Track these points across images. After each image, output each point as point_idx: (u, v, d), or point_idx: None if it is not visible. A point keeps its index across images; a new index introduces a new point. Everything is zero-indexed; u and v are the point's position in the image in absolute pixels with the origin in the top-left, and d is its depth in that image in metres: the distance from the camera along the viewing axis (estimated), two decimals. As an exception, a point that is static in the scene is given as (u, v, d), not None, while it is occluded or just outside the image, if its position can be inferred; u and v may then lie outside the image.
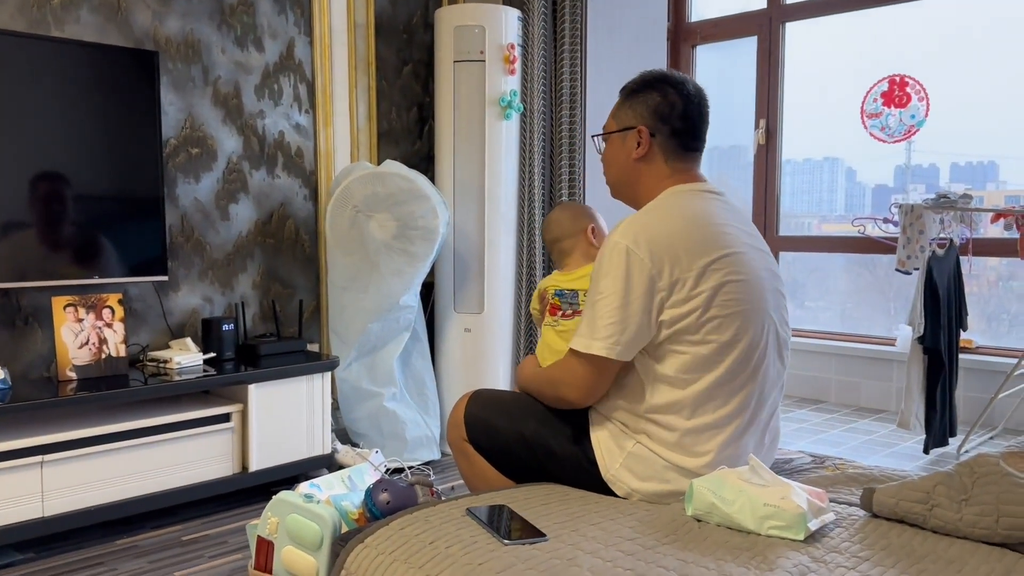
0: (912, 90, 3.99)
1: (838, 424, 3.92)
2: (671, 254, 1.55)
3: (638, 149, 1.71)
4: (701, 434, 1.58)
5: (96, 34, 2.80)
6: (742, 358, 1.58)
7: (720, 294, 1.56)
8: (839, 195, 4.75)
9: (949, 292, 3.29)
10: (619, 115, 1.76)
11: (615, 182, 1.79)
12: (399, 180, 3.05)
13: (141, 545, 2.48)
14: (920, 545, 1.38)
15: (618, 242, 1.57)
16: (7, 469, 2.30)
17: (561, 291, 1.96)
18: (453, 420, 1.88)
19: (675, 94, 1.69)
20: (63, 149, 2.63)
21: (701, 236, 1.58)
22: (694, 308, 1.55)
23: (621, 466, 1.63)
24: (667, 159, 1.70)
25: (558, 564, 1.28)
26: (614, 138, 1.76)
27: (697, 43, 4.55)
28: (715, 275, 1.56)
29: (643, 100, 1.71)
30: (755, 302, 1.60)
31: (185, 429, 2.64)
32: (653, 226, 1.58)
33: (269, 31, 3.23)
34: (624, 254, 1.56)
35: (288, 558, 1.51)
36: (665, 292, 1.55)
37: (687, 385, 1.57)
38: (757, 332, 1.60)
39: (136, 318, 2.94)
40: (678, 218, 1.60)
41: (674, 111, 1.69)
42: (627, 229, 1.58)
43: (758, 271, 1.63)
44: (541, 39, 3.47)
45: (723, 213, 1.65)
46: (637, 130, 1.71)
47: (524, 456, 1.76)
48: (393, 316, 3.16)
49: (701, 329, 1.55)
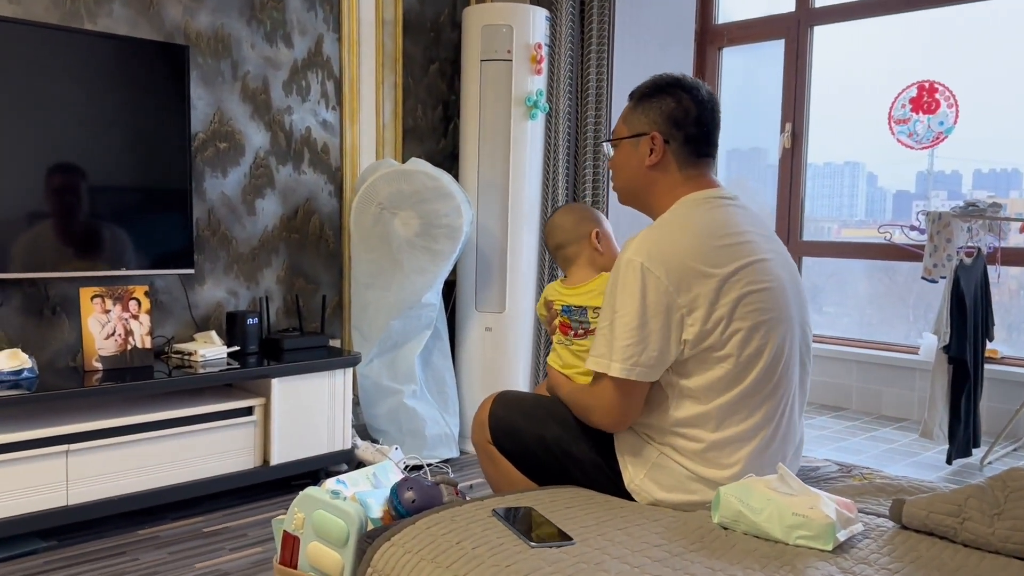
0: (941, 96, 3.95)
1: (859, 432, 3.90)
2: (688, 270, 1.51)
3: (651, 156, 1.66)
4: (727, 446, 1.56)
5: (128, 27, 2.82)
6: (768, 368, 1.56)
7: (742, 305, 1.53)
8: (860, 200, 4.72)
9: (976, 301, 3.26)
10: (631, 120, 1.70)
11: (625, 189, 1.74)
12: (424, 178, 3.05)
13: (162, 536, 2.50)
14: (951, 559, 1.37)
15: (632, 259, 1.53)
16: (33, 458, 2.32)
17: (569, 308, 1.89)
18: (478, 421, 1.87)
19: (689, 99, 1.65)
20: (93, 141, 2.65)
21: (718, 248, 1.54)
22: (716, 323, 1.52)
23: (646, 476, 1.61)
24: (680, 166, 1.66)
25: (585, 568, 1.28)
26: (625, 144, 1.71)
27: (724, 45, 4.52)
28: (736, 287, 1.53)
29: (656, 105, 1.66)
30: (779, 309, 1.58)
31: (208, 422, 2.66)
32: (668, 241, 1.54)
33: (298, 27, 3.24)
34: (639, 272, 1.52)
35: (314, 554, 1.52)
36: (685, 309, 1.52)
37: (713, 399, 1.55)
38: (781, 340, 1.58)
39: (162, 310, 2.96)
40: (693, 231, 1.56)
41: (688, 117, 1.64)
42: (641, 245, 1.54)
43: (780, 277, 1.60)
44: (568, 39, 3.46)
45: (740, 220, 1.62)
46: (651, 136, 1.66)
47: (546, 460, 1.76)
48: (415, 314, 3.17)
49: (726, 344, 1.53)
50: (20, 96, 2.50)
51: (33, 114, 2.52)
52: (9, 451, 2.28)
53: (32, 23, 2.51)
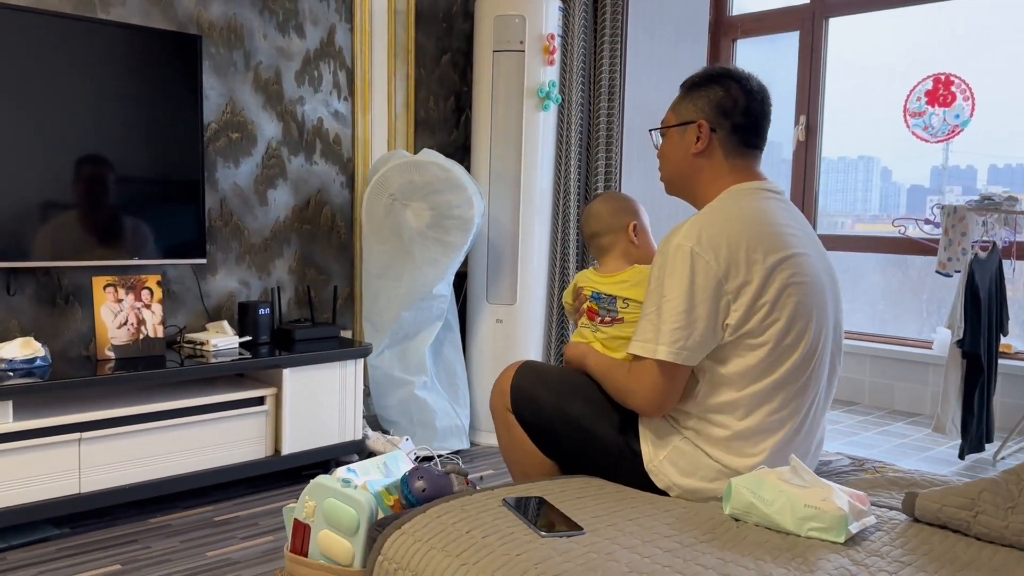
0: (957, 89, 3.91)
1: (871, 426, 3.88)
2: (737, 256, 1.52)
3: (697, 144, 1.66)
4: (753, 436, 1.56)
5: (141, 17, 2.82)
6: (801, 362, 1.56)
7: (785, 295, 1.53)
8: (874, 195, 4.69)
9: (990, 296, 3.24)
10: (679, 109, 1.71)
11: (671, 178, 1.75)
12: (436, 169, 3.05)
13: (174, 524, 2.51)
14: (964, 552, 1.36)
15: (682, 244, 1.54)
16: (46, 445, 2.34)
17: (598, 295, 1.88)
18: (498, 388, 1.86)
19: (738, 89, 1.65)
20: (106, 131, 2.65)
21: (765, 237, 1.55)
22: (759, 309, 1.52)
23: (665, 459, 1.62)
24: (727, 156, 1.66)
25: (595, 558, 1.28)
26: (672, 132, 1.71)
27: (738, 37, 4.49)
28: (780, 277, 1.53)
29: (705, 94, 1.67)
30: (817, 305, 1.58)
31: (220, 411, 2.66)
32: (717, 227, 1.54)
33: (310, 17, 3.24)
34: (689, 256, 1.52)
35: (324, 542, 1.52)
36: (732, 295, 1.52)
37: (744, 386, 1.55)
38: (817, 336, 1.58)
39: (174, 300, 2.97)
40: (741, 219, 1.56)
41: (736, 106, 1.64)
42: (690, 230, 1.55)
43: (819, 273, 1.61)
44: (581, 29, 3.44)
45: (783, 214, 1.62)
46: (697, 124, 1.66)
47: (565, 435, 1.75)
48: (426, 305, 3.17)
49: (765, 331, 1.53)
50: (32, 86, 2.50)
51: (45, 104, 2.53)
52: (22, 439, 2.29)
53: (46, 12, 2.52)
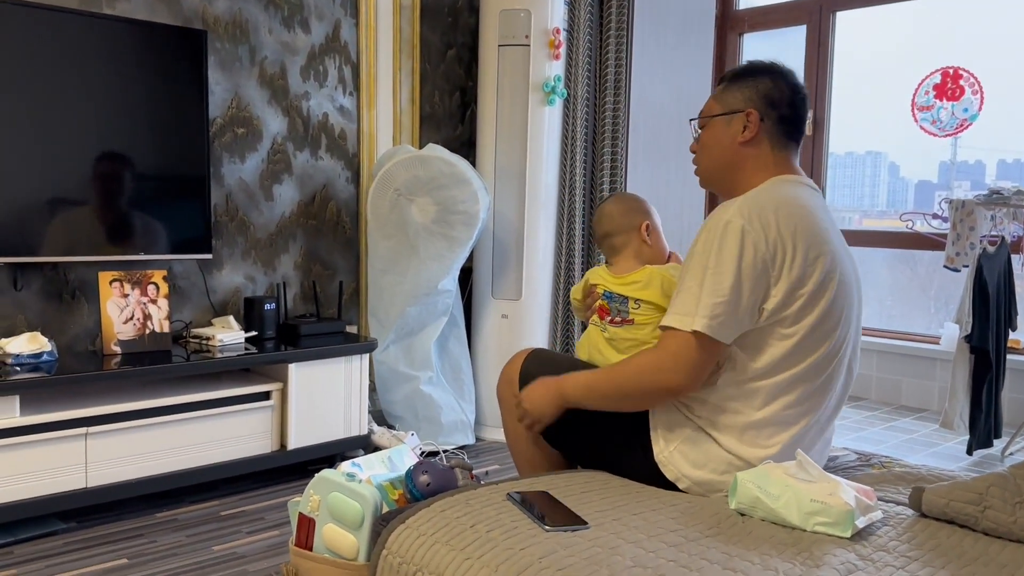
0: (966, 83, 3.89)
1: (879, 422, 3.86)
2: (785, 241, 1.51)
3: (744, 133, 1.66)
4: (767, 427, 1.56)
5: (146, 12, 2.82)
6: (825, 358, 1.56)
7: (821, 289, 1.53)
8: (881, 190, 4.67)
9: (999, 291, 3.22)
10: (723, 98, 1.69)
11: (712, 168, 1.72)
12: (441, 164, 3.04)
13: (180, 518, 2.51)
14: (971, 547, 1.35)
15: (732, 221, 1.52)
16: (53, 440, 2.34)
17: (610, 294, 1.88)
18: (506, 376, 1.87)
19: (783, 82, 1.67)
20: (111, 127, 2.66)
21: (810, 229, 1.54)
22: (797, 300, 1.52)
23: (675, 449, 1.61)
24: (772, 147, 1.66)
25: (600, 552, 1.27)
26: (717, 122, 1.70)
27: (744, 31, 4.47)
28: (820, 270, 1.53)
29: (753, 84, 1.67)
30: (847, 306, 1.59)
31: (226, 406, 2.67)
32: (769, 209, 1.54)
33: (316, 12, 3.24)
34: (740, 233, 1.51)
35: (329, 536, 1.52)
36: (774, 278, 1.52)
37: (766, 376, 1.55)
38: (843, 335, 1.59)
39: (180, 295, 2.98)
40: (789, 206, 1.55)
41: (783, 98, 1.65)
42: (741, 208, 1.53)
43: (849, 274, 1.62)
44: (587, 24, 3.43)
45: (822, 210, 1.63)
46: (745, 113, 1.65)
47: (573, 423, 1.74)
48: (431, 300, 3.17)
49: (798, 322, 1.53)
50: (37, 81, 2.51)
51: (50, 99, 2.54)
52: (29, 433, 2.30)
53: (52, 7, 2.52)
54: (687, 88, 3.82)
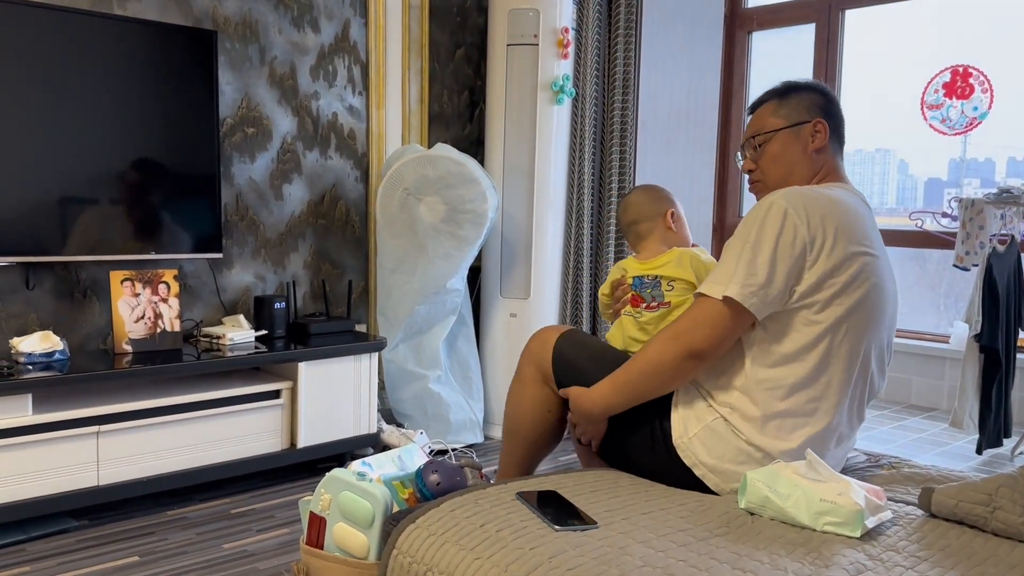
0: (976, 81, 3.87)
1: (888, 421, 3.86)
2: (826, 229, 1.55)
3: (814, 142, 1.70)
4: (790, 418, 1.57)
5: (157, 13, 2.84)
6: (850, 354, 1.58)
7: (855, 285, 1.56)
8: (891, 188, 4.65)
9: (1008, 289, 3.21)
10: (783, 113, 1.73)
11: (783, 178, 1.72)
12: (450, 164, 3.05)
13: (190, 517, 2.53)
14: (981, 547, 1.35)
15: (776, 202, 1.57)
16: (65, 438, 2.36)
17: (641, 278, 1.88)
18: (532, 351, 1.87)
19: (827, 95, 1.74)
20: (122, 126, 2.67)
21: (853, 225, 1.58)
22: (828, 288, 1.55)
23: (695, 437, 1.62)
24: (833, 153, 1.74)
25: (609, 552, 1.28)
26: (784, 135, 1.72)
27: (753, 29, 4.47)
28: (856, 266, 1.56)
29: (807, 97, 1.73)
30: (880, 311, 1.61)
31: (236, 405, 2.68)
32: (813, 199, 1.58)
33: (325, 12, 3.25)
34: (782, 214, 1.55)
35: (340, 535, 1.53)
36: (811, 260, 1.55)
37: (791, 363, 1.56)
38: (874, 337, 1.61)
39: (190, 294, 2.99)
40: (835, 201, 1.59)
41: (834, 107, 1.73)
42: (787, 194, 1.58)
43: (887, 284, 1.64)
44: (596, 23, 3.43)
45: (870, 219, 1.66)
46: (814, 123, 1.70)
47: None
48: (440, 299, 3.17)
49: (825, 310, 1.55)
50: (49, 81, 2.52)
51: (62, 99, 2.55)
52: (41, 431, 2.32)
53: (63, 8, 2.54)
54: (696, 86, 3.81)
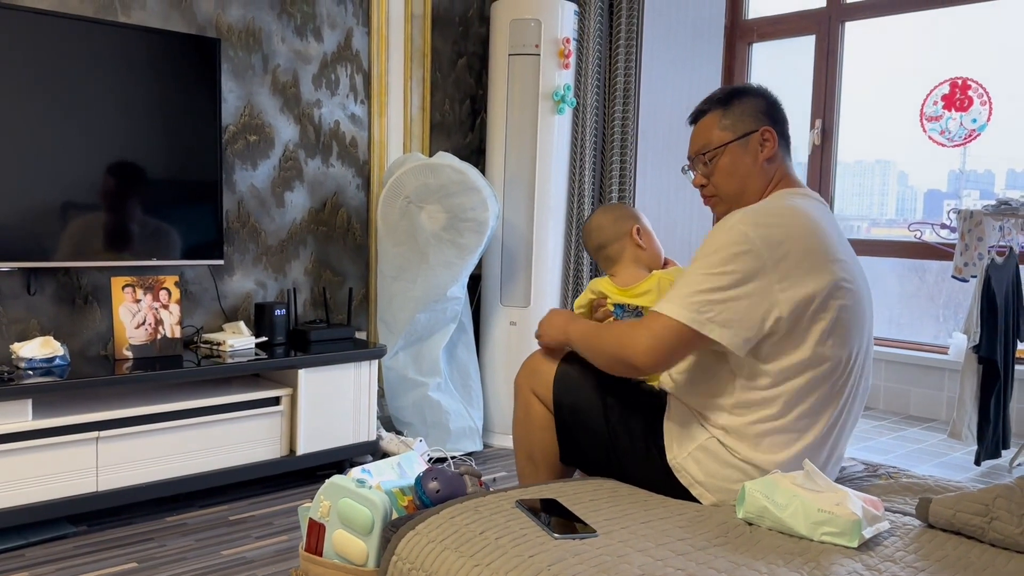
0: (974, 93, 3.89)
1: (887, 431, 3.86)
2: (788, 249, 1.52)
3: (764, 151, 1.67)
4: (783, 434, 1.57)
5: (161, 20, 2.85)
6: (838, 366, 1.57)
7: (831, 299, 1.54)
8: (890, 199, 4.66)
9: (1007, 301, 3.22)
10: (728, 124, 1.69)
11: (737, 193, 1.70)
12: (451, 172, 3.06)
13: (189, 523, 2.53)
14: (978, 558, 1.35)
15: (736, 225, 1.54)
16: (64, 444, 2.36)
17: (623, 307, 1.88)
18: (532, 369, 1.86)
19: (768, 98, 1.71)
20: (125, 133, 2.68)
21: (819, 239, 1.55)
22: (806, 308, 1.52)
23: (689, 456, 1.62)
24: (783, 160, 1.71)
25: (608, 560, 1.28)
26: (732, 148, 1.68)
27: (754, 40, 4.49)
28: (827, 280, 1.53)
29: (749, 104, 1.69)
30: (859, 315, 1.60)
31: (236, 411, 2.69)
32: (775, 217, 1.55)
33: (328, 21, 3.26)
34: (742, 238, 1.52)
35: (339, 541, 1.53)
36: (778, 286, 1.51)
37: (781, 383, 1.55)
38: (857, 344, 1.60)
39: (191, 300, 3.00)
40: (799, 216, 1.57)
41: (778, 113, 1.71)
42: (746, 215, 1.55)
43: (860, 285, 1.63)
44: (597, 34, 3.45)
45: (831, 222, 1.64)
46: (760, 132, 1.67)
47: (594, 425, 1.75)
48: (440, 307, 3.18)
49: (808, 331, 1.53)
50: (53, 88, 2.54)
51: (66, 106, 2.56)
52: (41, 437, 2.32)
53: (67, 16, 2.55)
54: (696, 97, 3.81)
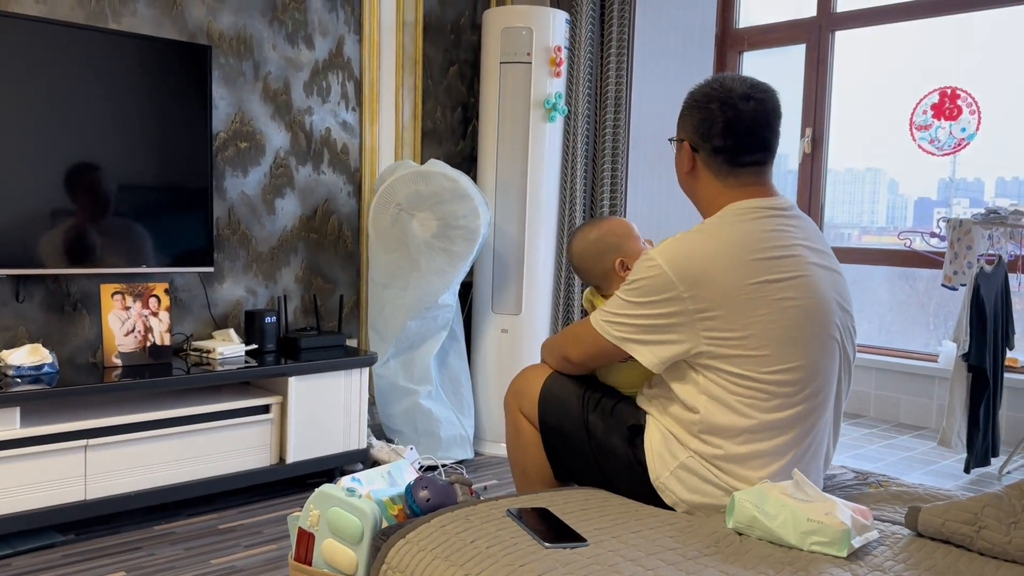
0: (963, 103, 3.92)
1: (877, 439, 3.87)
2: (704, 278, 1.51)
3: (685, 164, 1.69)
4: (755, 460, 1.54)
5: (152, 27, 2.85)
6: (801, 385, 1.53)
7: (768, 321, 1.50)
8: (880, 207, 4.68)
9: (996, 309, 3.23)
10: (679, 122, 1.71)
11: (687, 191, 1.75)
12: (442, 179, 3.06)
13: (178, 532, 2.51)
14: (967, 567, 1.36)
15: (653, 258, 1.57)
16: (52, 452, 2.35)
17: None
18: (516, 388, 1.88)
19: (719, 110, 1.62)
20: (116, 140, 2.68)
21: (750, 262, 1.52)
22: (740, 334, 1.50)
23: (671, 475, 1.61)
24: (717, 176, 1.65)
25: (599, 570, 1.28)
26: (678, 146, 1.72)
27: (744, 49, 4.51)
28: (761, 301, 1.50)
29: (691, 115, 1.67)
30: (815, 327, 1.54)
31: (225, 419, 2.67)
32: (692, 248, 1.55)
33: (320, 28, 3.27)
34: (655, 272, 1.55)
35: (328, 551, 1.53)
36: (699, 315, 1.52)
37: (741, 412, 1.53)
38: (817, 357, 1.54)
39: (181, 308, 2.99)
40: (725, 240, 1.54)
41: (713, 129, 1.62)
42: (666, 247, 1.57)
43: (822, 293, 1.57)
44: (588, 42, 3.46)
45: (785, 234, 1.58)
46: (685, 144, 1.69)
47: (580, 444, 1.75)
48: (432, 314, 3.18)
49: (749, 356, 1.51)
50: (44, 94, 2.53)
51: (57, 112, 2.56)
52: (29, 445, 2.31)
53: (57, 22, 2.55)
54: (687, 106, 3.83)
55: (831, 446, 1.69)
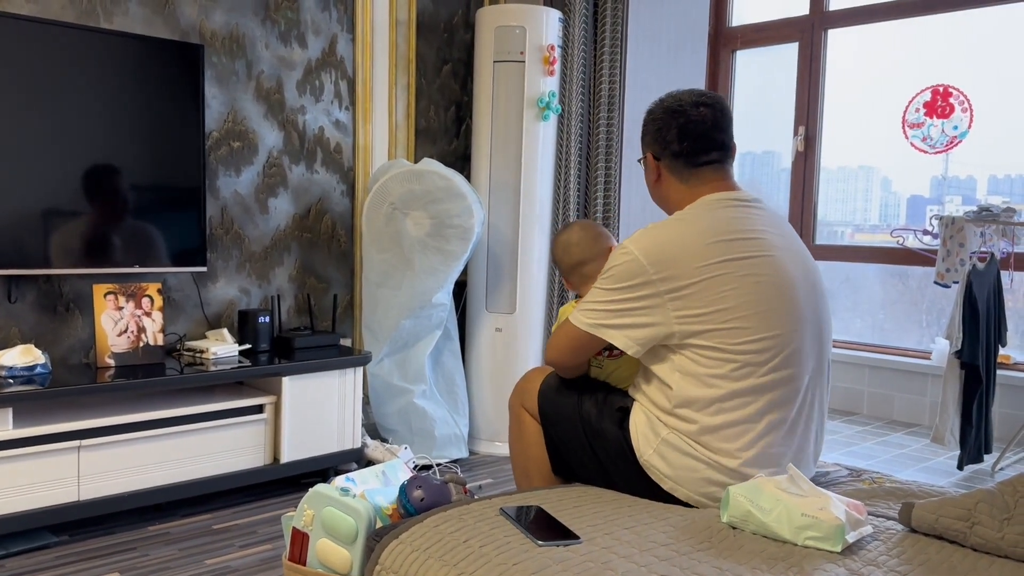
0: (955, 100, 3.93)
1: (870, 437, 3.88)
2: (672, 260, 1.61)
3: (651, 176, 1.83)
4: (728, 429, 1.60)
5: (143, 26, 2.84)
6: (771, 354, 1.60)
7: (737, 296, 1.59)
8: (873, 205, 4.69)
9: (989, 307, 3.24)
10: (641, 141, 1.86)
11: (654, 201, 1.90)
12: (436, 178, 3.06)
13: (172, 532, 2.51)
14: (960, 562, 1.36)
15: (625, 245, 1.68)
16: (46, 453, 2.34)
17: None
18: (520, 388, 1.98)
19: (672, 118, 1.77)
20: (108, 139, 2.67)
21: (716, 243, 1.63)
22: (709, 310, 1.59)
23: (654, 452, 1.65)
24: (680, 179, 1.78)
25: (592, 567, 1.28)
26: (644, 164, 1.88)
27: (737, 48, 4.52)
28: (728, 278, 1.60)
29: (649, 129, 1.82)
30: (784, 301, 1.62)
31: (219, 419, 2.67)
32: (662, 234, 1.66)
33: (312, 27, 3.26)
34: (627, 257, 1.65)
35: (323, 550, 1.52)
36: (669, 296, 1.60)
37: (710, 383, 1.60)
38: (788, 330, 1.62)
39: (174, 308, 2.98)
40: (688, 226, 1.66)
41: (669, 136, 1.77)
42: (638, 236, 1.68)
43: (789, 271, 1.66)
44: (581, 41, 3.46)
45: (749, 220, 1.69)
46: (647, 158, 1.82)
47: (576, 433, 1.81)
48: (426, 314, 3.18)
49: (719, 329, 1.59)
50: (36, 94, 2.52)
51: (48, 112, 2.55)
52: (22, 446, 2.30)
53: (48, 21, 2.54)
54: (680, 104, 3.83)
55: (820, 429, 1.73)
